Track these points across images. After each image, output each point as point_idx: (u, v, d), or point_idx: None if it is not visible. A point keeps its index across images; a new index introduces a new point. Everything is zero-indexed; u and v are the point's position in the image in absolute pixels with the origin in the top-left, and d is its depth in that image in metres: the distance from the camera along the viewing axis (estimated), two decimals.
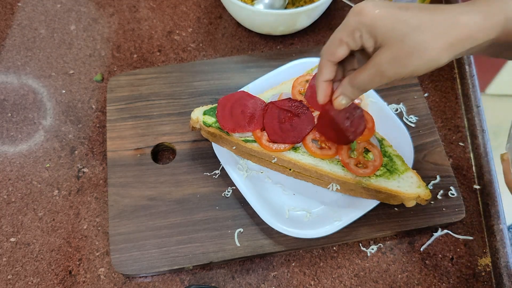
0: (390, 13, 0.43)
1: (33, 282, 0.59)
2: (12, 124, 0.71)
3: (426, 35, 0.41)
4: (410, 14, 0.42)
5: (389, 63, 0.43)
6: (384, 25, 0.43)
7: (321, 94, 0.50)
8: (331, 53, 0.47)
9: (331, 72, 0.49)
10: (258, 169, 0.64)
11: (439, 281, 0.60)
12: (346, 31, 0.45)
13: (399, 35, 0.42)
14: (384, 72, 0.44)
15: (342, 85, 0.49)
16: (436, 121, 0.71)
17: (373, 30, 0.43)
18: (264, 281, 0.59)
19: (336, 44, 0.46)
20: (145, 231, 0.60)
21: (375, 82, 0.46)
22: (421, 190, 0.58)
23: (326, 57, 0.48)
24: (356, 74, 0.47)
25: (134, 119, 0.68)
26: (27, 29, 0.81)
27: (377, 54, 0.44)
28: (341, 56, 0.47)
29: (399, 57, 0.43)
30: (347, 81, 0.48)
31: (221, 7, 0.84)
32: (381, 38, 0.43)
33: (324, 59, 0.48)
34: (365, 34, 0.44)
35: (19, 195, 0.65)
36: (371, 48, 0.45)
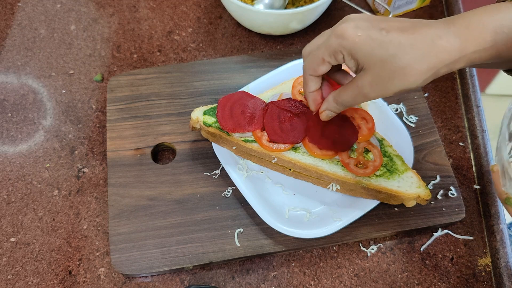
0: (371, 37, 0.43)
1: (33, 282, 0.59)
2: (12, 124, 0.71)
3: (405, 60, 0.42)
4: (390, 37, 0.43)
5: (371, 86, 0.45)
6: (365, 49, 0.44)
7: (311, 104, 0.54)
8: (313, 69, 0.49)
9: (316, 84, 0.51)
10: (258, 169, 0.64)
11: (439, 281, 0.60)
12: (328, 51, 0.46)
13: (380, 60, 0.43)
14: (367, 94, 0.46)
15: (328, 101, 0.52)
16: (436, 121, 0.71)
17: (354, 54, 0.44)
18: (264, 281, 0.59)
19: (318, 62, 0.48)
20: (145, 231, 0.60)
21: (358, 101, 0.48)
22: (421, 190, 0.58)
23: (309, 72, 0.50)
24: (340, 93, 0.49)
25: (134, 119, 0.69)
26: (27, 29, 0.81)
27: (359, 77, 0.46)
28: (323, 72, 0.49)
29: (380, 81, 0.44)
30: (331, 98, 0.51)
31: (221, 7, 0.84)
32: (362, 62, 0.44)
33: (306, 74, 0.51)
34: (347, 56, 0.45)
35: (19, 195, 0.65)
36: (354, 68, 0.46)
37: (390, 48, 0.42)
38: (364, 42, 0.43)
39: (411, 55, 0.42)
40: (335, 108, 0.51)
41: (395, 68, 0.43)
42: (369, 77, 0.44)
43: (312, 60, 0.49)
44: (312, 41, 0.50)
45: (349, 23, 0.45)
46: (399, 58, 0.42)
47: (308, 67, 0.50)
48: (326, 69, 0.48)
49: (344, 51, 0.45)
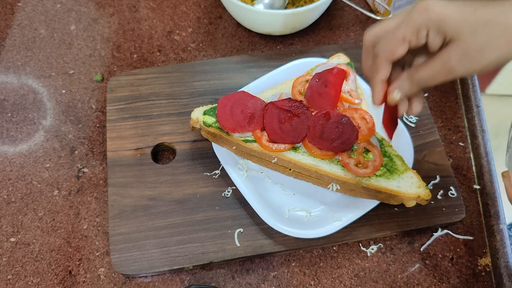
0: (458, 8, 0.42)
1: (33, 282, 0.59)
2: (12, 124, 0.71)
3: (496, 29, 0.40)
4: (478, 9, 0.41)
5: (460, 59, 0.42)
6: (454, 20, 0.41)
7: (378, 94, 0.49)
8: (391, 52, 0.45)
9: (388, 71, 0.47)
10: (258, 169, 0.64)
11: (439, 281, 0.60)
12: (410, 28, 0.43)
13: (470, 30, 0.41)
14: (453, 68, 0.43)
15: (400, 79, 0.47)
16: (436, 121, 0.71)
17: (442, 26, 0.42)
18: (264, 281, 0.59)
19: (397, 42, 0.45)
20: (145, 231, 0.60)
21: (439, 79, 0.44)
22: (421, 190, 0.58)
23: (385, 55, 0.46)
24: (419, 70, 0.45)
25: (134, 119, 0.69)
26: (27, 29, 0.81)
27: (446, 50, 0.43)
28: (401, 54, 0.45)
29: (470, 53, 0.41)
30: (406, 76, 0.46)
31: (221, 7, 0.84)
32: (450, 34, 0.42)
33: (382, 58, 0.46)
34: (433, 31, 0.43)
35: (19, 195, 0.65)
36: (437, 45, 0.44)
37: (481, 17, 0.41)
38: (452, 13, 0.41)
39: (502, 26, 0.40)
40: (408, 87, 0.47)
41: (486, 38, 0.40)
42: (458, 49, 0.42)
43: (389, 41, 0.45)
44: (379, 24, 0.47)
45: None
46: (491, 27, 0.40)
47: (384, 50, 0.45)
48: (405, 50, 0.45)
49: (430, 25, 0.42)
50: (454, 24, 0.41)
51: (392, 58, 0.46)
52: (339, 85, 0.62)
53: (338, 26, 0.83)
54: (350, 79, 0.64)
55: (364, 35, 0.48)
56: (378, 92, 0.49)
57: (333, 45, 0.77)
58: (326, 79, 0.62)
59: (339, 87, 0.62)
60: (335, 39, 0.81)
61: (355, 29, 0.82)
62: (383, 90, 0.49)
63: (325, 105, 0.61)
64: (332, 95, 0.61)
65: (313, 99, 0.61)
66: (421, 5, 0.43)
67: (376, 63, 0.47)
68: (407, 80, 0.46)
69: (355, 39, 0.81)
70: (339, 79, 0.62)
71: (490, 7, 0.41)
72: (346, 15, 0.84)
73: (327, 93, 0.61)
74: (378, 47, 0.46)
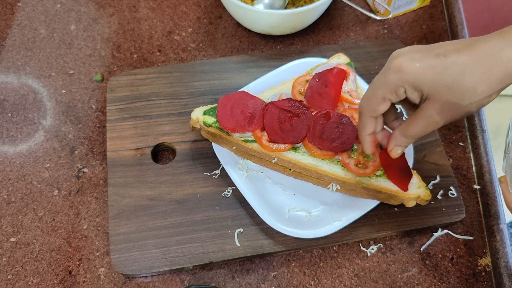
0: (431, 65, 0.43)
1: (33, 282, 0.59)
2: (12, 124, 0.71)
3: (472, 78, 0.41)
4: (450, 61, 0.42)
5: (441, 113, 0.44)
6: (428, 78, 0.43)
7: (368, 147, 0.52)
8: (373, 110, 0.48)
9: (373, 126, 0.50)
10: (258, 169, 0.64)
11: (439, 281, 0.60)
12: (388, 88, 0.45)
13: (446, 86, 0.42)
14: (438, 122, 0.45)
15: (395, 138, 0.50)
16: None
17: (417, 85, 0.44)
18: (264, 281, 0.59)
19: (378, 101, 0.47)
20: (145, 231, 0.60)
21: (428, 131, 0.47)
22: (421, 190, 0.58)
23: (368, 113, 0.49)
24: (408, 126, 0.48)
25: (134, 119, 0.69)
26: (27, 29, 0.81)
27: (426, 107, 0.45)
28: (383, 111, 0.48)
29: (450, 106, 0.43)
30: (399, 133, 0.49)
31: (221, 7, 0.84)
32: (426, 92, 0.44)
33: (365, 115, 0.49)
34: (409, 89, 0.44)
35: (19, 195, 0.65)
36: (417, 100, 0.45)
37: (454, 71, 0.42)
38: (425, 72, 0.43)
39: (478, 72, 0.41)
40: (404, 142, 0.50)
41: (463, 90, 0.42)
42: (437, 105, 0.44)
43: (370, 101, 0.48)
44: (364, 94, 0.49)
45: (402, 57, 0.44)
46: (466, 79, 0.41)
47: (366, 108, 0.49)
48: (386, 107, 0.47)
49: (406, 85, 0.44)
50: (430, 82, 0.43)
51: (375, 115, 0.49)
52: (339, 85, 0.62)
53: (338, 26, 0.83)
54: (350, 79, 0.64)
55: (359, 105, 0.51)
56: (368, 145, 0.52)
57: (333, 45, 0.77)
58: (326, 79, 0.62)
59: (339, 87, 0.62)
60: (335, 39, 0.81)
61: (355, 29, 0.82)
62: (372, 142, 0.52)
63: (325, 105, 0.61)
64: (332, 95, 0.61)
65: (313, 99, 0.61)
66: (394, 65, 0.44)
67: (361, 120, 0.50)
68: (401, 136, 0.49)
69: (355, 39, 0.81)
70: (339, 79, 0.62)
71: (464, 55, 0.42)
72: (346, 15, 0.84)
73: (327, 93, 0.61)
74: (361, 106, 0.49)
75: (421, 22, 0.83)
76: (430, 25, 0.83)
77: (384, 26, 0.83)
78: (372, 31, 0.82)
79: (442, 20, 0.83)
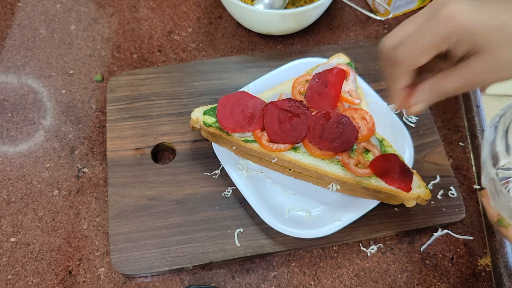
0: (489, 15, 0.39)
1: (33, 282, 0.59)
2: (12, 124, 0.71)
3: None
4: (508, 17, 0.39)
5: (487, 72, 0.41)
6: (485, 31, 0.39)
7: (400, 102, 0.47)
8: (413, 61, 0.43)
9: (409, 80, 0.45)
10: (258, 169, 0.64)
11: (439, 281, 0.60)
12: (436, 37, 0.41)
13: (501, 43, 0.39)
14: (479, 81, 0.42)
15: (422, 91, 0.45)
16: (436, 121, 0.71)
17: (472, 38, 0.40)
18: (264, 281, 0.59)
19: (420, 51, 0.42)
20: (145, 231, 0.60)
21: (466, 89, 0.43)
22: (421, 190, 0.58)
23: (407, 64, 0.44)
24: (442, 81, 0.43)
25: (134, 119, 0.69)
26: (27, 29, 0.81)
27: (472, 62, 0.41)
28: (425, 62, 0.43)
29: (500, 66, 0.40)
30: (428, 87, 0.45)
31: (221, 7, 0.84)
32: (480, 46, 0.40)
33: (403, 66, 0.44)
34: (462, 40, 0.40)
35: (19, 195, 0.65)
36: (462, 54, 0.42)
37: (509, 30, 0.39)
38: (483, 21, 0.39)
39: None
40: (430, 98, 0.45)
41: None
42: (487, 62, 0.40)
43: (412, 50, 0.42)
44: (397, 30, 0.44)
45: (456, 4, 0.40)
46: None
47: (406, 58, 0.43)
48: (429, 58, 0.42)
49: (459, 36, 0.40)
50: (486, 36, 0.39)
51: (414, 67, 0.44)
52: (339, 85, 0.62)
53: (338, 26, 0.83)
54: (350, 79, 0.64)
55: (382, 42, 0.45)
56: (399, 100, 0.47)
57: (333, 45, 0.77)
58: (326, 79, 0.62)
59: (339, 87, 0.62)
60: (335, 39, 0.81)
61: (355, 29, 0.82)
62: (405, 97, 0.47)
63: (325, 105, 0.61)
64: (332, 95, 0.61)
65: (313, 99, 0.61)
66: (447, 11, 0.40)
67: (396, 72, 0.45)
68: (429, 91, 0.45)
69: (355, 39, 0.81)
70: (339, 79, 0.62)
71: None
72: (346, 15, 0.84)
73: (327, 93, 0.61)
74: (399, 55, 0.44)
75: None
76: None
77: (384, 26, 0.83)
78: (372, 31, 0.82)
79: None
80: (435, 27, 0.41)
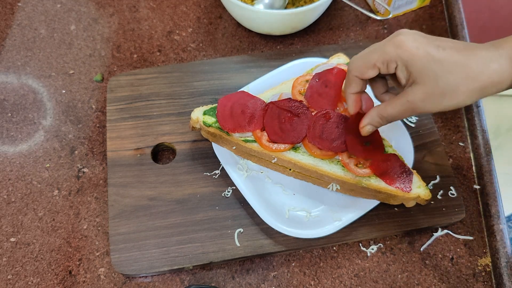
0: (429, 52, 0.44)
1: (33, 282, 0.59)
2: (12, 124, 0.71)
3: (458, 78, 0.44)
4: (446, 54, 0.44)
5: (422, 101, 0.46)
6: (422, 63, 0.44)
7: (351, 105, 0.53)
8: (360, 72, 0.50)
9: (359, 86, 0.51)
10: (258, 169, 0.64)
11: (439, 281, 0.60)
12: (382, 57, 0.47)
13: (434, 76, 0.44)
14: (416, 109, 0.46)
15: (370, 116, 0.51)
16: (436, 121, 0.71)
17: (410, 66, 0.45)
18: (264, 281, 0.59)
19: (368, 66, 0.48)
20: (145, 231, 0.60)
21: (405, 115, 0.49)
22: (421, 190, 0.58)
23: (355, 74, 0.50)
24: (387, 107, 0.49)
25: (134, 119, 0.68)
26: (27, 29, 0.81)
27: (410, 91, 0.46)
28: (370, 77, 0.49)
29: (431, 96, 0.45)
30: (375, 113, 0.51)
31: (221, 7, 0.84)
32: (415, 75, 0.45)
33: (352, 74, 0.51)
34: (401, 67, 0.46)
35: (19, 195, 0.65)
36: (404, 79, 0.47)
37: (445, 65, 0.44)
38: (422, 56, 0.44)
39: (465, 74, 0.44)
40: (378, 123, 0.51)
41: (446, 86, 0.44)
42: (421, 92, 0.45)
43: (362, 62, 0.49)
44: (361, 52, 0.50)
45: (407, 36, 0.46)
46: (454, 76, 0.44)
47: (355, 69, 0.50)
48: (373, 74, 0.49)
49: (399, 61, 0.46)
50: (421, 67, 0.44)
51: (362, 77, 0.50)
52: (339, 85, 0.62)
53: (338, 26, 0.83)
54: None
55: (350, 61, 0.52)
56: (350, 103, 0.53)
57: (333, 45, 0.77)
58: (326, 79, 0.62)
59: (339, 87, 0.62)
60: (335, 39, 0.81)
61: (355, 29, 0.82)
62: (356, 102, 0.53)
63: (325, 105, 0.61)
64: (332, 95, 0.61)
65: (313, 99, 0.61)
66: (397, 40, 0.46)
67: (348, 78, 0.52)
68: (377, 116, 0.51)
69: (355, 39, 0.81)
70: (339, 79, 0.62)
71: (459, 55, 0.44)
72: (346, 15, 0.84)
73: (327, 93, 0.61)
74: (351, 64, 0.50)
75: (421, 22, 0.83)
76: (430, 25, 0.83)
77: (384, 26, 0.83)
78: (372, 31, 0.82)
79: (442, 20, 0.83)
80: (382, 49, 0.47)
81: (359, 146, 0.57)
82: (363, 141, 0.57)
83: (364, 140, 0.57)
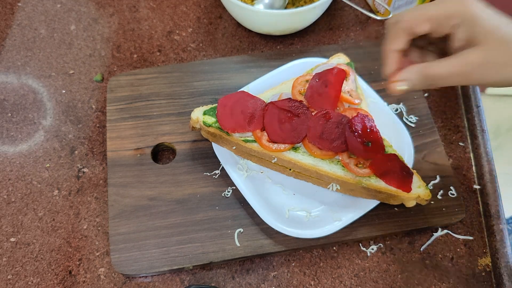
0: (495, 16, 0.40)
1: (33, 282, 0.59)
2: (12, 124, 0.71)
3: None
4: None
5: (482, 66, 0.40)
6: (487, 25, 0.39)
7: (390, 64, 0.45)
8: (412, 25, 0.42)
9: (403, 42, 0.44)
10: (258, 169, 0.64)
11: (439, 281, 0.60)
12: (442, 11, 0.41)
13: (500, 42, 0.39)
14: (470, 74, 0.41)
15: (410, 71, 0.43)
16: (436, 121, 0.71)
17: (474, 26, 0.40)
18: (264, 281, 0.59)
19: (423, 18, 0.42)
20: (145, 231, 0.60)
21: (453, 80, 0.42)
22: (421, 190, 0.58)
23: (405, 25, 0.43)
24: (434, 65, 0.42)
25: (134, 119, 0.69)
26: (27, 29, 0.81)
27: (469, 53, 0.40)
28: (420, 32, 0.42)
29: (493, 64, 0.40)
30: (417, 69, 0.43)
31: (221, 7, 0.84)
32: (479, 37, 0.40)
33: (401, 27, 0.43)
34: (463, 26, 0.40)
35: (19, 195, 0.65)
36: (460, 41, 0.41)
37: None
38: (492, 18, 0.39)
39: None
40: (417, 81, 0.43)
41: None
42: (483, 56, 0.39)
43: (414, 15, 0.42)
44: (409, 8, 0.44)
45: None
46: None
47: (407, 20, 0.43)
48: (424, 30, 0.42)
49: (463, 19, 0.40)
50: (487, 29, 0.39)
51: (411, 31, 0.43)
52: (339, 85, 0.62)
53: (338, 26, 0.83)
54: (350, 79, 0.64)
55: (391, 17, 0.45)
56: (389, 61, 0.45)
57: (333, 45, 0.77)
58: (326, 79, 0.62)
59: (339, 87, 0.62)
60: (335, 39, 0.81)
61: (355, 29, 0.82)
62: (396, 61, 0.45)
63: (325, 105, 0.61)
64: (332, 95, 0.61)
65: (313, 99, 0.61)
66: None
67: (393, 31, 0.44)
68: (417, 73, 0.43)
69: (355, 39, 0.81)
70: (339, 79, 0.62)
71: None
72: (346, 15, 0.84)
73: (327, 93, 0.61)
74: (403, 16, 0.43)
75: None
76: None
77: (384, 26, 0.83)
78: (372, 31, 0.82)
79: None
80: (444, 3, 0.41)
81: (359, 146, 0.57)
82: (363, 141, 0.57)
83: (364, 140, 0.57)
